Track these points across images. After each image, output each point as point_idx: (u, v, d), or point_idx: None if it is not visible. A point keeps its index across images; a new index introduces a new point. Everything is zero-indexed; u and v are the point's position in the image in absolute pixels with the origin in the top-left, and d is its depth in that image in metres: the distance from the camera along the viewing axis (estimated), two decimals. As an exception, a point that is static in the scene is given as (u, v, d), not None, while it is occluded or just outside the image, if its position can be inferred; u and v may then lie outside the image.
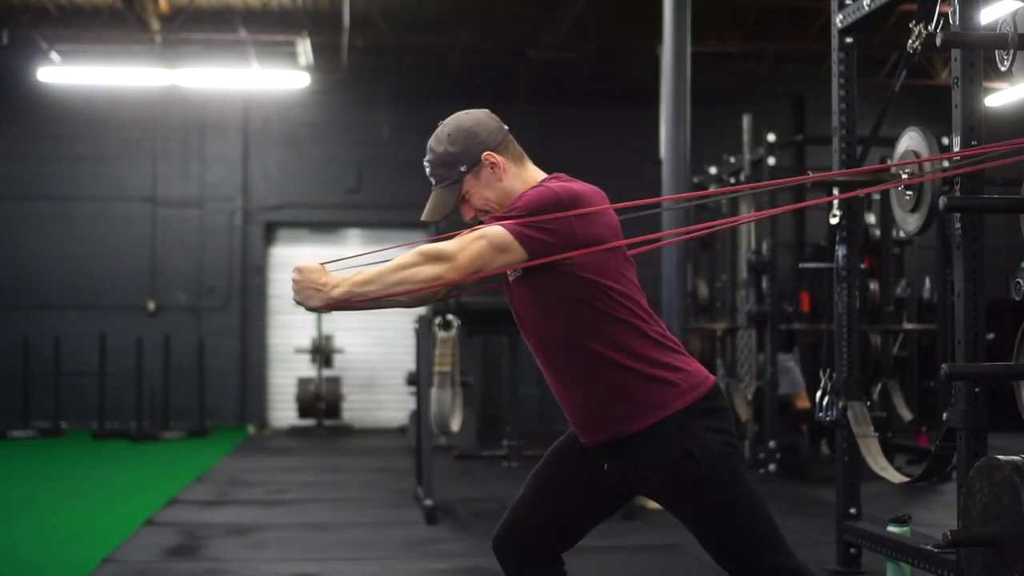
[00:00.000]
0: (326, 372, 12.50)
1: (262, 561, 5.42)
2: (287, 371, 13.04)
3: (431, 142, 2.77)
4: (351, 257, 2.75)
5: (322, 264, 2.60)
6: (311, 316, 12.48)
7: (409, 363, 10.85)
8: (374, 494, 7.78)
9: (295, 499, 7.54)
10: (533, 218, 2.56)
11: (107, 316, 12.64)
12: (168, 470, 9.18)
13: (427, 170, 2.78)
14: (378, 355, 13.25)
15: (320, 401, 12.29)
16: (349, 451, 10.94)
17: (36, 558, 5.45)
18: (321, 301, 2.55)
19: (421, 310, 8.62)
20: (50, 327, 12.37)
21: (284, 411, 13.08)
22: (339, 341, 12.71)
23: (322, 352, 12.44)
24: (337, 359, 12.69)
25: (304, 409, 12.30)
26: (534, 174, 2.78)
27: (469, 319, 6.97)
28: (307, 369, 12.60)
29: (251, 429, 12.68)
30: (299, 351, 12.55)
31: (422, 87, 13.01)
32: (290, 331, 13.07)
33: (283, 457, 10.35)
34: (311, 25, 11.79)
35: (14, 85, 12.66)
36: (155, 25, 11.52)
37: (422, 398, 6.70)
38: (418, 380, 7.06)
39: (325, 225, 13.40)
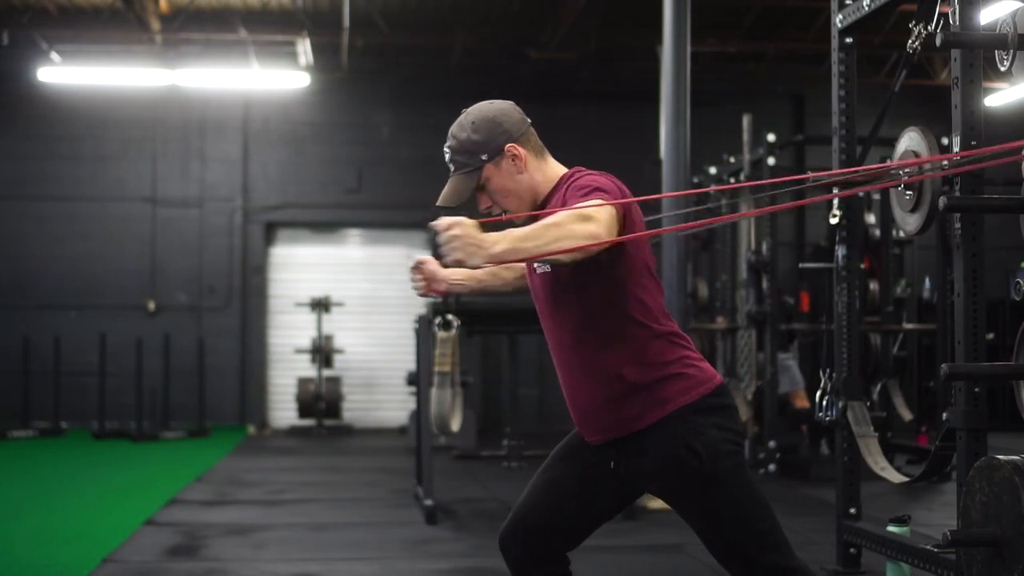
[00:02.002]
0: (326, 372, 12.50)
1: (262, 561, 5.42)
2: (287, 371, 13.04)
3: (453, 128, 2.75)
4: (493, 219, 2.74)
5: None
6: (311, 316, 12.50)
7: (409, 363, 10.85)
8: (374, 494, 7.78)
9: (295, 499, 7.54)
10: (614, 198, 2.54)
11: (107, 316, 12.64)
12: (168, 470, 9.18)
13: (447, 155, 2.76)
14: (378, 355, 13.25)
15: (320, 401, 12.29)
16: (349, 451, 10.94)
17: (36, 558, 5.45)
18: (484, 258, 2.36)
19: (421, 309, 8.62)
20: (50, 327, 12.37)
21: (284, 411, 13.08)
22: (339, 341, 12.71)
23: (322, 352, 12.44)
24: (337, 359, 12.69)
25: (304, 409, 12.30)
26: (555, 168, 2.79)
27: (469, 319, 6.97)
28: (307, 369, 12.60)
29: (251, 429, 12.67)
30: (299, 351, 12.56)
31: (422, 87, 13.01)
32: (290, 331, 13.07)
33: (283, 457, 10.34)
34: (311, 25, 11.79)
35: (14, 85, 12.66)
36: (155, 25, 11.52)
37: (422, 398, 6.70)
38: (418, 380, 7.06)
39: (325, 225, 13.40)
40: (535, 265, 2.70)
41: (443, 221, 2.36)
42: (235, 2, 11.73)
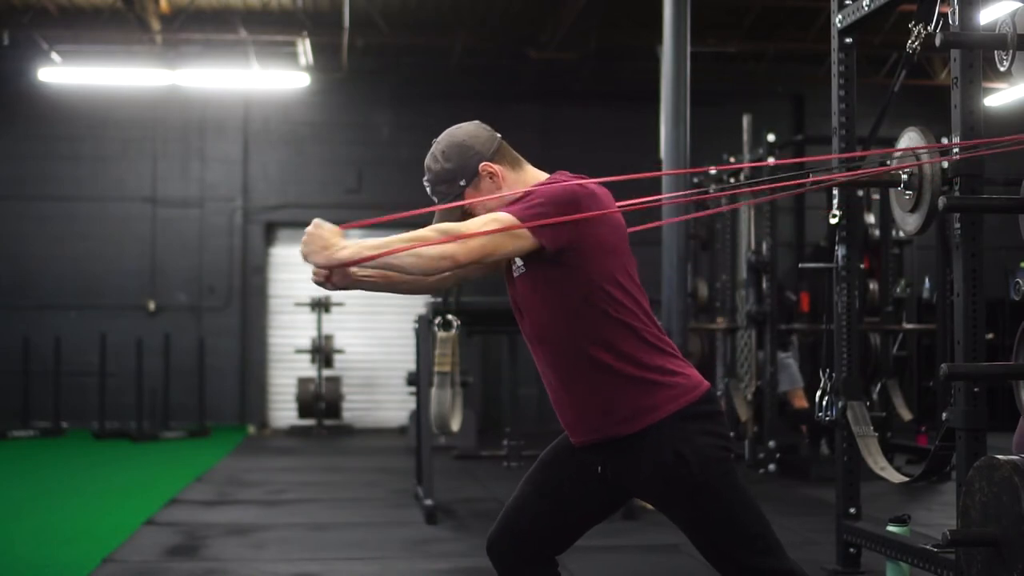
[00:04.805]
0: (326, 372, 12.50)
1: (262, 561, 5.42)
2: (287, 371, 13.04)
3: (428, 161, 2.78)
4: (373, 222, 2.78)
5: (341, 228, 2.56)
6: (311, 316, 12.50)
7: (409, 363, 10.85)
8: (374, 494, 7.78)
9: (295, 499, 7.54)
10: (545, 208, 2.56)
11: (107, 316, 12.64)
12: (168, 470, 9.18)
13: (428, 189, 2.78)
14: (378, 355, 13.25)
15: (320, 401, 12.29)
16: (349, 451, 10.94)
17: (36, 558, 5.45)
18: (325, 259, 2.54)
19: (421, 310, 8.63)
20: (50, 327, 12.37)
21: (284, 411, 13.08)
22: (339, 341, 12.71)
23: (322, 352, 12.44)
24: (337, 359, 12.69)
25: (304, 409, 12.30)
26: (534, 175, 2.78)
27: (469, 319, 6.97)
28: (307, 369, 12.60)
29: (251, 429, 12.68)
30: (299, 351, 12.56)
31: (422, 87, 13.01)
32: (290, 331, 13.07)
33: (283, 457, 10.35)
34: (311, 25, 11.79)
35: (14, 85, 12.66)
36: (155, 25, 11.52)
37: (422, 398, 6.70)
38: (418, 380, 7.06)
39: (325, 225, 13.37)
40: (513, 266, 2.70)
41: (314, 221, 2.55)
42: (235, 2, 11.73)
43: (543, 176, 2.78)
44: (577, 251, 2.59)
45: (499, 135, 2.79)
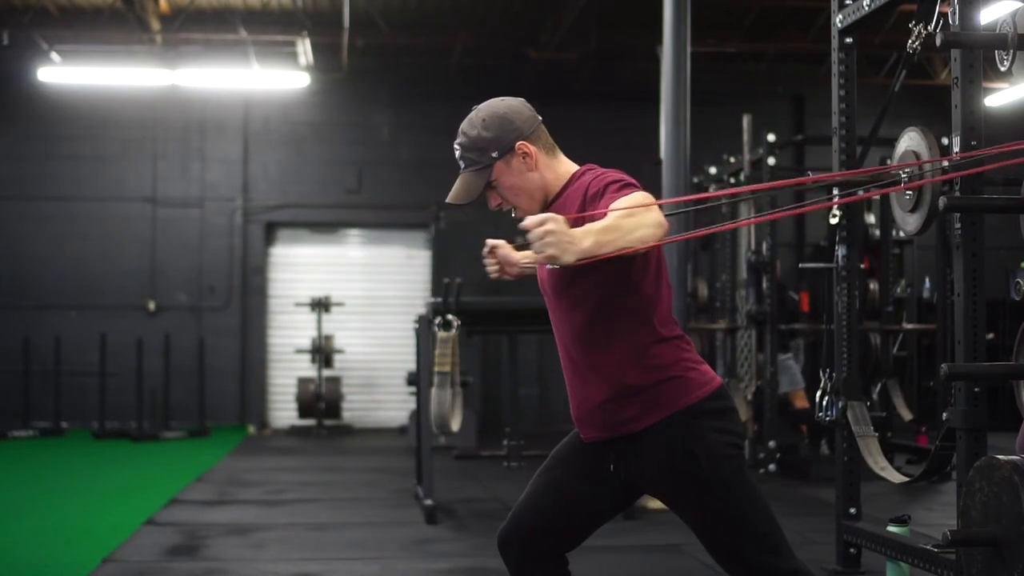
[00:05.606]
0: (326, 372, 12.50)
1: (262, 561, 5.42)
2: (287, 371, 13.03)
3: (464, 125, 2.74)
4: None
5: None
6: (311, 316, 12.49)
7: (409, 363, 10.85)
8: (374, 494, 7.78)
9: (295, 499, 7.54)
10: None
11: (107, 316, 12.64)
12: (168, 470, 9.18)
13: (457, 152, 2.74)
14: (378, 355, 13.24)
15: (320, 401, 12.29)
16: (349, 451, 10.94)
17: (36, 558, 5.45)
18: (575, 253, 2.35)
19: (421, 310, 8.63)
20: (50, 327, 12.37)
21: (284, 411, 13.07)
22: (339, 341, 12.71)
23: (322, 352, 12.44)
24: (337, 359, 12.69)
25: (304, 409, 12.30)
26: (566, 165, 2.78)
27: (469, 319, 6.97)
28: (307, 369, 12.60)
29: (251, 429, 12.67)
30: (299, 351, 12.56)
31: (422, 87, 13.01)
32: (290, 331, 13.06)
33: (283, 457, 10.35)
34: (311, 25, 11.79)
35: (14, 85, 12.66)
36: (155, 25, 11.52)
37: (422, 398, 6.70)
38: (418, 380, 7.06)
39: (325, 225, 13.39)
40: None
41: (534, 218, 2.35)
42: (235, 2, 11.73)
43: (574, 167, 2.77)
44: (636, 254, 2.57)
45: (540, 117, 2.77)
